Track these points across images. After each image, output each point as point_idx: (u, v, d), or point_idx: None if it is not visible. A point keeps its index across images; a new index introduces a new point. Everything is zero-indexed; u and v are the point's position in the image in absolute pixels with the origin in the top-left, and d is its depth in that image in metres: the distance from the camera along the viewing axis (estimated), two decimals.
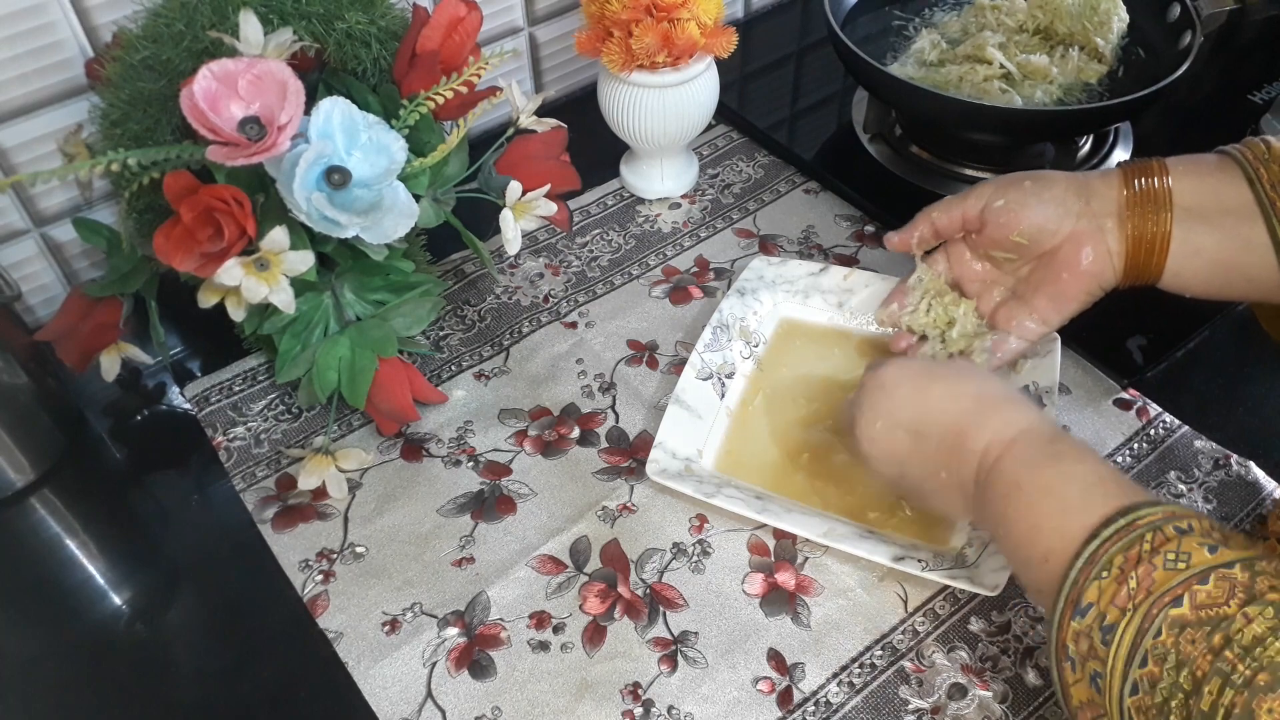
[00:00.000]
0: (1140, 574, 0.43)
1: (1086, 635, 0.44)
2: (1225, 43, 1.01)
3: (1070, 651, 0.45)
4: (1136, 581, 0.43)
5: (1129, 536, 0.44)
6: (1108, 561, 0.44)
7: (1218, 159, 0.60)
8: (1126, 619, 0.42)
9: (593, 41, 0.78)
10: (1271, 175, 0.57)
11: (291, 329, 0.64)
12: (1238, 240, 0.58)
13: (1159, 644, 0.41)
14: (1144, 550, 0.43)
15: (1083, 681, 0.44)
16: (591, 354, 0.76)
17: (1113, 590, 0.43)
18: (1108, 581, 0.44)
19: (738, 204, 0.88)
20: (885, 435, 0.58)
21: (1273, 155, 0.58)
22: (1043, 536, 0.48)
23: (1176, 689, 0.40)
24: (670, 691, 0.58)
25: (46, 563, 0.66)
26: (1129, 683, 0.42)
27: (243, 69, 0.56)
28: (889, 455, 0.58)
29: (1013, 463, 0.52)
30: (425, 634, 0.61)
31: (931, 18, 0.95)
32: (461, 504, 0.67)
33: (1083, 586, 0.44)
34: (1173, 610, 0.41)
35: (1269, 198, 0.57)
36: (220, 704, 0.59)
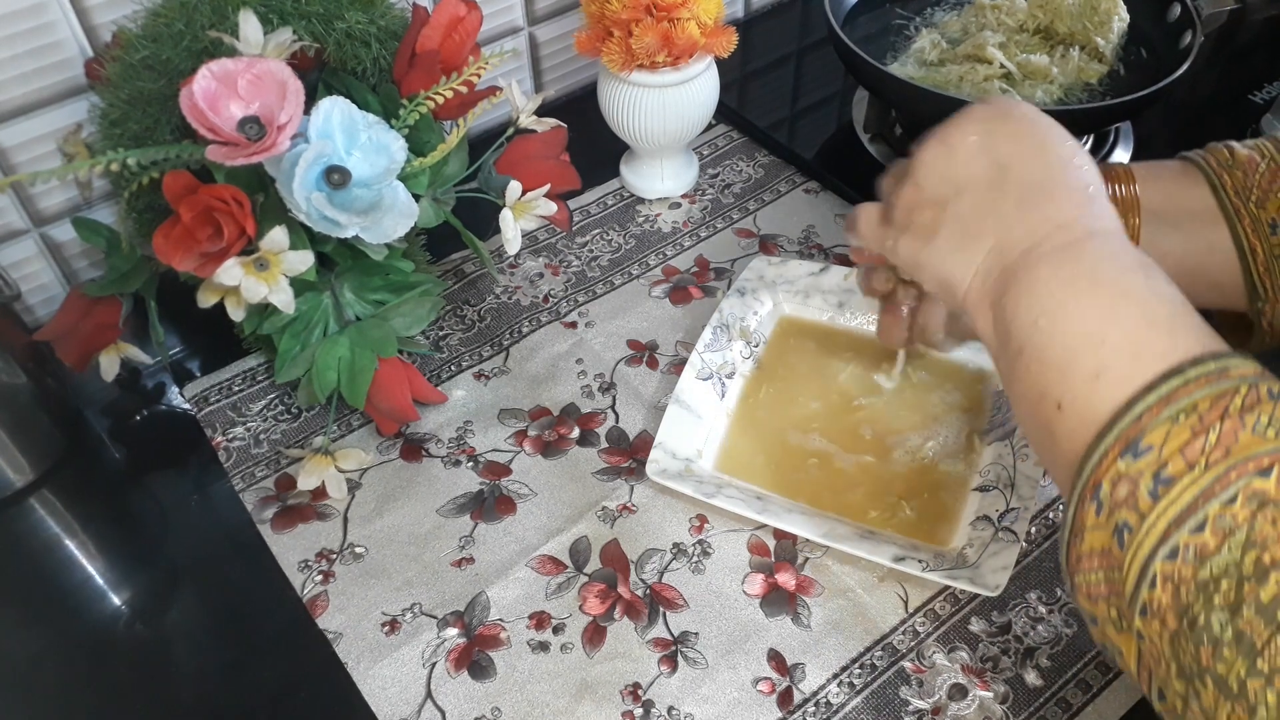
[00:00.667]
0: (1224, 430, 0.36)
1: (1131, 480, 0.37)
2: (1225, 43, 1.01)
3: (1102, 494, 0.38)
4: (1217, 436, 0.36)
5: (1220, 384, 0.37)
6: (1190, 405, 0.37)
7: (1180, 165, 0.60)
8: (1193, 475, 0.36)
9: (593, 41, 0.78)
10: (1235, 181, 0.56)
11: (291, 329, 0.64)
12: (1202, 244, 0.57)
13: (1228, 514, 0.35)
14: (1234, 405, 0.37)
15: (1104, 529, 0.38)
16: (591, 354, 0.76)
17: (1184, 438, 0.37)
18: (1181, 427, 0.37)
19: (738, 204, 0.88)
20: (970, 151, 0.48)
21: (1236, 161, 0.57)
22: (1106, 349, 0.40)
23: (1233, 570, 0.34)
24: (670, 692, 0.58)
25: (46, 563, 0.66)
26: (1168, 545, 0.36)
27: (242, 69, 0.56)
28: (953, 173, 0.48)
29: (1097, 250, 0.43)
30: (425, 634, 0.60)
31: (932, 17, 0.95)
32: (461, 504, 0.67)
33: (1146, 424, 0.37)
34: (1256, 481, 0.35)
35: (1233, 204, 0.56)
36: (220, 704, 0.59)
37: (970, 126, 0.48)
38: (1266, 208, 0.55)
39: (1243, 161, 0.57)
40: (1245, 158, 0.57)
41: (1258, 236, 0.56)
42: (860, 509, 0.65)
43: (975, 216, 0.47)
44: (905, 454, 0.67)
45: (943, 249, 0.48)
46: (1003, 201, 0.46)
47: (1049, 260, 0.44)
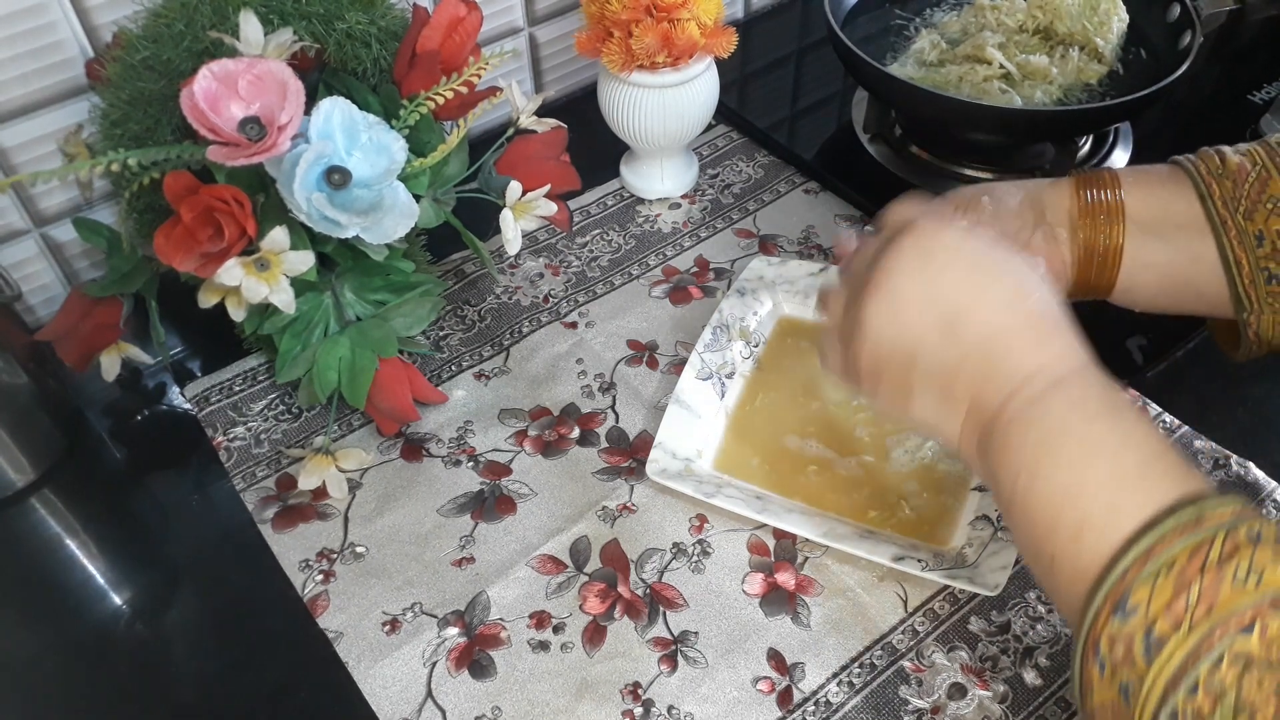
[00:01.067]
0: (1205, 586, 0.37)
1: (1125, 641, 0.38)
2: (1225, 43, 1.01)
3: (1102, 653, 0.39)
4: (1198, 593, 0.37)
5: (1196, 535, 0.38)
6: (1168, 560, 0.38)
7: (1169, 170, 0.59)
8: (1180, 637, 0.37)
9: (593, 42, 0.78)
10: (1224, 191, 0.55)
11: (292, 329, 0.64)
12: (1188, 255, 0.56)
13: (1217, 678, 0.36)
14: (1212, 557, 0.37)
15: (1109, 687, 0.39)
16: (591, 354, 0.76)
17: (1167, 596, 0.37)
18: (1164, 583, 0.37)
19: (738, 204, 0.88)
20: (914, 306, 0.47)
21: (1226, 170, 0.56)
22: (1082, 506, 0.41)
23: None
24: (670, 691, 0.58)
25: (46, 563, 0.66)
26: (1168, 708, 0.36)
27: (243, 69, 0.56)
28: (902, 334, 0.47)
29: (1061, 403, 0.43)
30: (425, 634, 0.61)
31: (931, 18, 0.95)
32: (461, 504, 0.67)
33: (1131, 582, 0.38)
34: (1239, 641, 0.36)
35: (1219, 215, 0.55)
36: (220, 704, 0.59)
37: (905, 274, 0.47)
38: (1254, 219, 0.55)
39: (1233, 170, 0.56)
40: (1236, 166, 0.56)
41: (1244, 248, 0.55)
42: (860, 509, 0.65)
43: (943, 377, 0.47)
44: (905, 454, 0.67)
45: (924, 407, 0.48)
46: (964, 360, 0.46)
47: (1019, 421, 0.44)
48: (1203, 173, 0.57)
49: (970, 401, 0.46)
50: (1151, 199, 0.58)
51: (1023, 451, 0.44)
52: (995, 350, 0.46)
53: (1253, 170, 0.55)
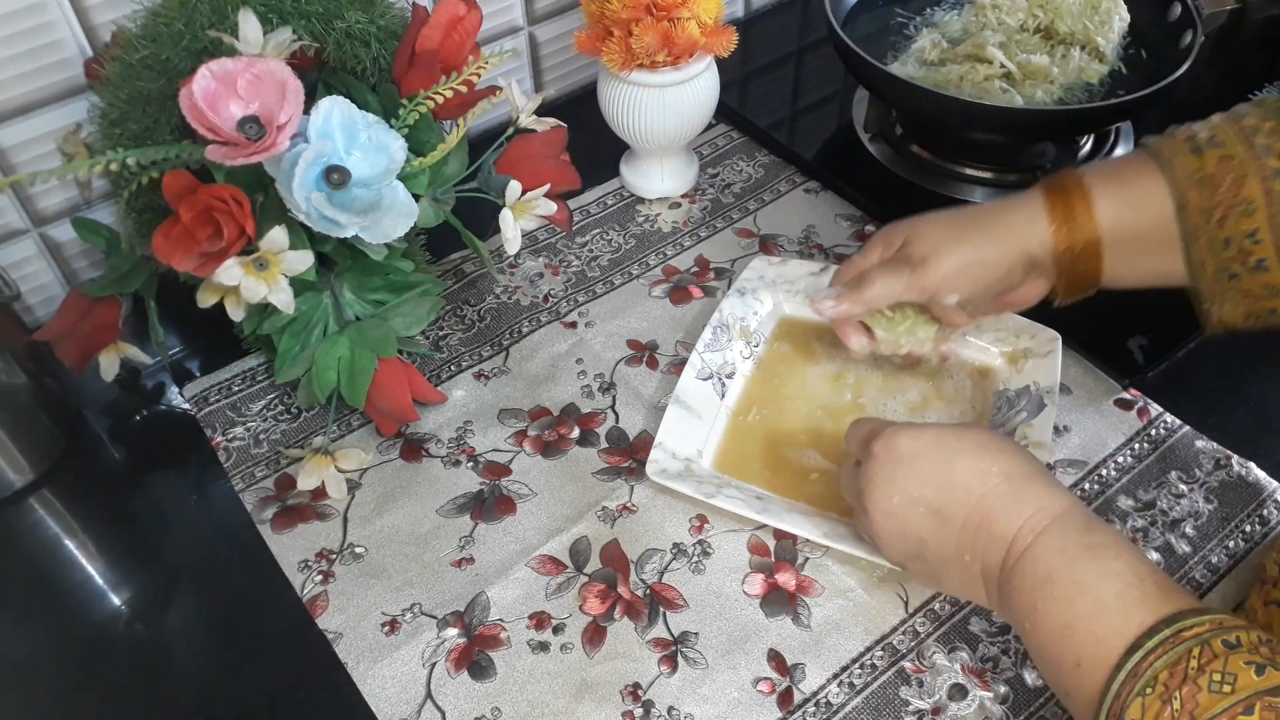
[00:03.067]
0: (1185, 695, 0.41)
1: None
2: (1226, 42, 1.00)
3: None
4: (1180, 703, 0.41)
5: (1174, 650, 0.42)
6: (1152, 677, 0.42)
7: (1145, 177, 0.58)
8: None
9: (593, 41, 0.77)
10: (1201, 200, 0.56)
11: (291, 329, 0.64)
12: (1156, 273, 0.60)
13: None
14: (1190, 668, 0.42)
15: None
16: (591, 354, 0.76)
17: (1156, 709, 0.41)
18: (1151, 699, 0.42)
19: (738, 204, 0.88)
20: (904, 510, 0.54)
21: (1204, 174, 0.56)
22: (1076, 639, 0.46)
23: None
24: (670, 692, 0.58)
25: (45, 563, 0.66)
26: None
27: (242, 68, 0.56)
28: (906, 533, 0.54)
29: (1045, 551, 0.49)
30: (425, 634, 0.60)
31: (932, 17, 0.94)
32: (461, 504, 0.67)
33: (1125, 700, 0.43)
34: None
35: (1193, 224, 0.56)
36: (220, 704, 0.59)
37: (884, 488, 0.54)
38: (1225, 225, 0.55)
39: (1210, 175, 0.56)
40: (1214, 168, 0.56)
41: (1210, 253, 0.56)
42: None
43: (953, 558, 0.53)
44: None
45: (953, 584, 0.54)
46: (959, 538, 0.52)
47: (1015, 574, 0.49)
48: (1180, 178, 0.57)
49: (981, 569, 0.52)
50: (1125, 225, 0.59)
51: (1021, 598, 0.49)
52: (981, 524, 0.51)
53: (1229, 175, 0.55)
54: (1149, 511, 0.65)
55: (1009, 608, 0.50)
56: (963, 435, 0.54)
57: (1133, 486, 0.67)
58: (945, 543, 0.53)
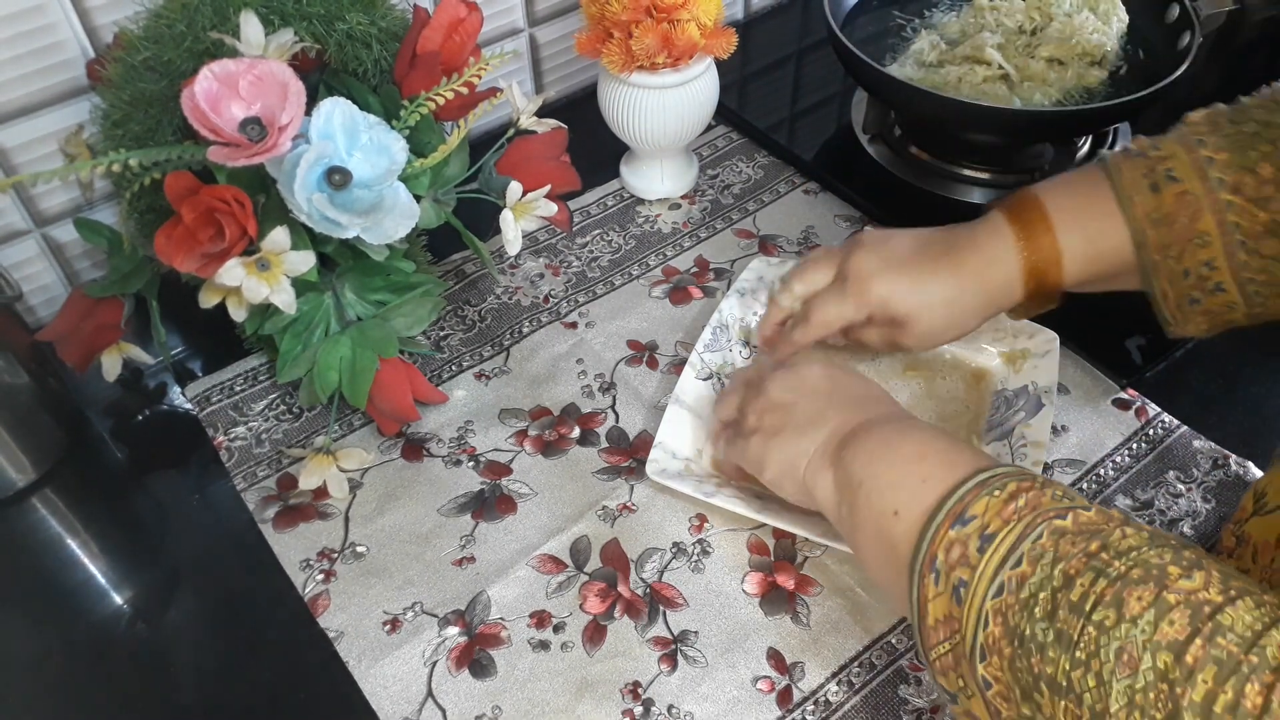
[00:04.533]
0: (1030, 497, 0.45)
1: (961, 543, 0.45)
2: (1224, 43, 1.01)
3: (938, 562, 0.45)
4: (1025, 501, 0.45)
5: (1023, 476, 0.46)
6: (1001, 485, 0.46)
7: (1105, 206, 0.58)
8: (1009, 528, 0.44)
9: (593, 42, 0.78)
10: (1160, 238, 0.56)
11: (292, 329, 0.64)
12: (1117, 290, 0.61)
13: (1037, 546, 0.42)
14: (1036, 484, 0.46)
15: (944, 595, 0.45)
16: (591, 354, 0.76)
17: (999, 507, 0.45)
18: (997, 500, 0.45)
19: (737, 204, 0.88)
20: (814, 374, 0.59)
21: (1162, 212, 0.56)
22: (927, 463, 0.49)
23: (1046, 583, 0.41)
24: (670, 691, 0.58)
25: (47, 562, 0.66)
26: (995, 584, 0.43)
27: (244, 70, 0.56)
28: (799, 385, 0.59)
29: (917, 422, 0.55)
30: (426, 633, 0.61)
31: (930, 18, 0.95)
32: (462, 503, 0.67)
33: (969, 502, 0.46)
34: (1056, 521, 0.43)
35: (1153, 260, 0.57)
36: (220, 704, 0.59)
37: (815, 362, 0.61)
38: (1183, 259, 0.57)
39: (1168, 212, 0.56)
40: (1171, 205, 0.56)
41: (1171, 284, 0.58)
42: None
43: (815, 411, 0.57)
44: None
45: (787, 438, 0.57)
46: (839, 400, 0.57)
47: (878, 422, 0.54)
48: (1139, 217, 0.57)
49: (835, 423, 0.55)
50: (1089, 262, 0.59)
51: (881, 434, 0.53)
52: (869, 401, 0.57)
53: (1184, 212, 0.56)
54: (1147, 511, 0.66)
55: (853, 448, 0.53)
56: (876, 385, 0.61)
57: (1130, 486, 0.67)
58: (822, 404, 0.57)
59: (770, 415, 0.59)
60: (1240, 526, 0.53)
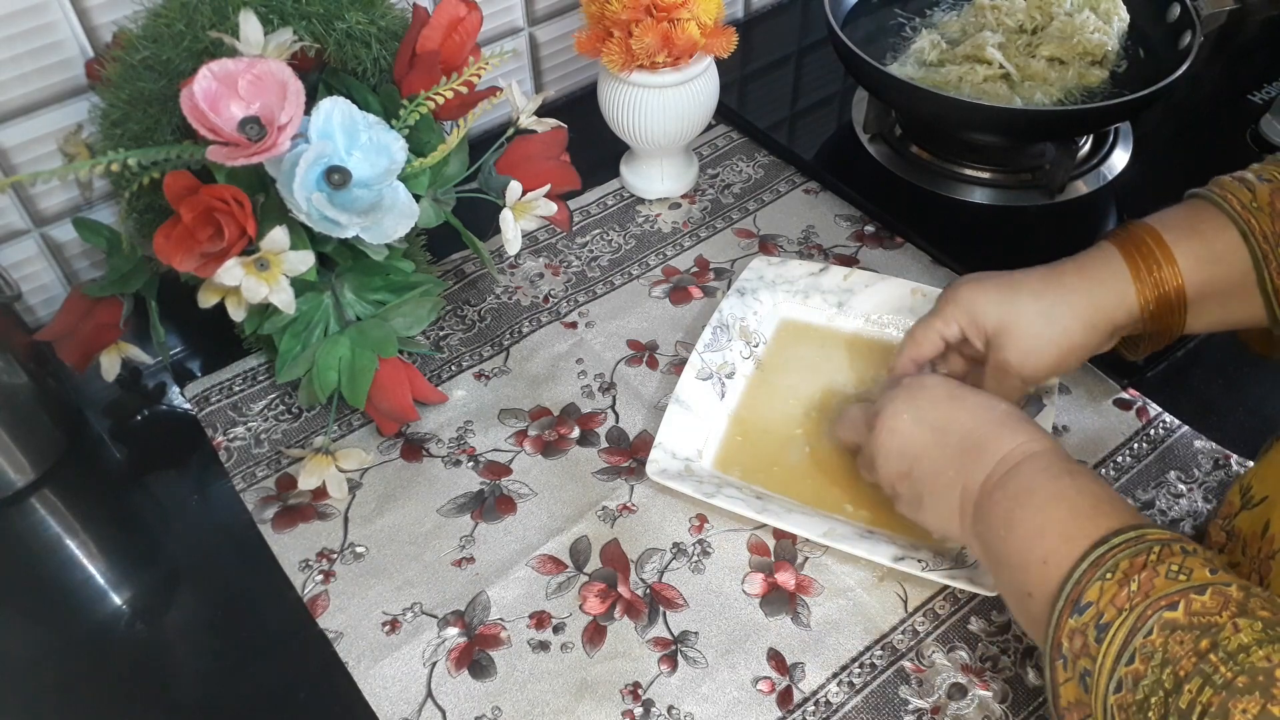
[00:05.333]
0: (1142, 579, 0.44)
1: (1081, 633, 0.45)
2: (1225, 43, 1.01)
3: (1064, 649, 0.46)
4: (1138, 585, 0.44)
5: (1137, 546, 0.45)
6: (1113, 565, 0.45)
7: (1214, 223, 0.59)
8: (1122, 618, 0.43)
9: (593, 42, 0.78)
10: (1263, 227, 0.57)
11: (292, 329, 0.64)
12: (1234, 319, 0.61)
13: (1148, 643, 0.42)
14: (1150, 560, 0.45)
15: (1073, 680, 0.45)
16: (591, 354, 0.76)
17: (1113, 591, 0.44)
18: (1110, 583, 0.45)
19: (738, 204, 0.88)
20: (909, 427, 0.58)
21: (1259, 203, 0.58)
22: (1047, 539, 0.49)
23: (1158, 686, 0.41)
24: (670, 691, 0.58)
25: (46, 563, 0.66)
26: (1115, 679, 0.43)
27: (243, 69, 0.56)
28: (904, 448, 0.58)
29: (1031, 469, 0.52)
30: (425, 634, 0.61)
31: (931, 17, 0.95)
32: (461, 504, 0.67)
33: (1084, 586, 0.45)
34: (1167, 613, 0.42)
35: (1261, 250, 0.57)
36: (220, 704, 0.59)
37: (898, 407, 0.59)
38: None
39: (1267, 204, 0.57)
40: (1268, 199, 0.57)
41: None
42: (860, 508, 0.65)
43: (939, 474, 0.56)
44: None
45: (931, 509, 0.57)
46: (952, 454, 0.56)
47: (999, 487, 0.53)
48: (1238, 208, 0.58)
49: (962, 487, 0.55)
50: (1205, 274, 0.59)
51: (1004, 507, 0.52)
52: (976, 443, 0.55)
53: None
54: (1148, 511, 0.65)
55: (985, 520, 0.53)
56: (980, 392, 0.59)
57: (1132, 486, 0.67)
58: (937, 460, 0.56)
59: (898, 485, 0.59)
60: (1229, 522, 0.53)
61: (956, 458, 0.55)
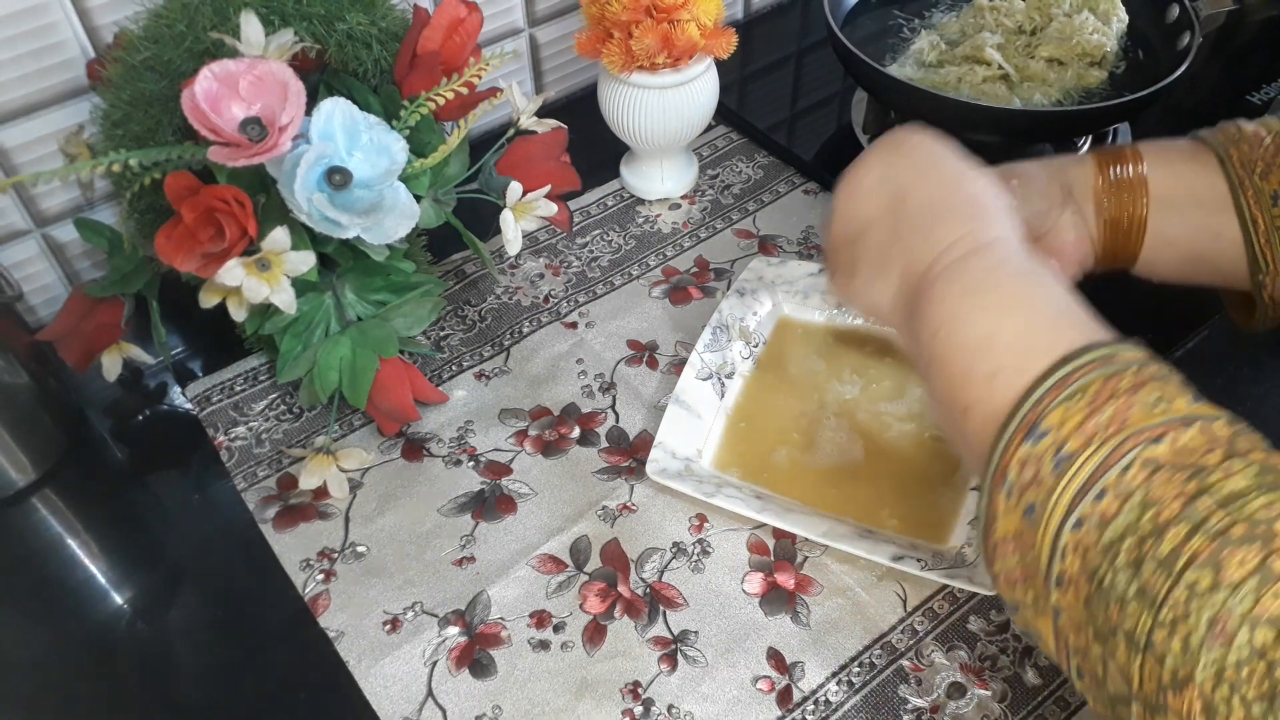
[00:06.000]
0: (1117, 407, 0.39)
1: (1035, 462, 0.40)
2: (1224, 43, 1.01)
3: (1010, 479, 0.40)
4: (1111, 413, 0.39)
5: (1108, 368, 0.40)
6: (1081, 388, 0.40)
7: (1190, 145, 0.60)
8: (1091, 450, 0.38)
9: (593, 43, 0.78)
10: (1240, 155, 0.57)
11: (293, 329, 0.64)
12: (1208, 233, 0.58)
13: (1125, 480, 0.37)
14: (1123, 385, 0.39)
15: (1015, 513, 0.41)
16: (591, 354, 0.76)
17: (1080, 418, 0.39)
18: (1077, 408, 0.39)
19: (737, 204, 0.88)
20: (871, 188, 0.51)
21: (1243, 136, 0.58)
22: (997, 350, 0.43)
23: (1133, 529, 0.37)
24: (670, 690, 0.58)
25: (47, 562, 0.66)
26: (1074, 517, 0.38)
27: (244, 70, 0.56)
28: (858, 211, 0.52)
29: (984, 262, 0.46)
30: (426, 633, 0.61)
31: (930, 18, 0.95)
32: (462, 503, 0.67)
33: (1044, 409, 0.40)
34: (1149, 449, 0.38)
35: (1238, 175, 0.57)
36: (220, 703, 0.59)
37: (870, 162, 0.52)
38: (1270, 179, 0.56)
39: (1248, 135, 0.58)
40: (1251, 133, 0.58)
41: (1259, 208, 0.56)
42: (860, 508, 0.65)
43: (883, 246, 0.50)
44: (905, 453, 0.67)
45: (863, 282, 0.51)
46: (902, 228, 0.49)
47: (944, 276, 0.46)
48: (1220, 140, 0.58)
49: (902, 264, 0.48)
50: (1173, 174, 0.59)
51: (945, 304, 0.46)
52: (928, 220, 0.48)
53: (1268, 136, 0.57)
54: None
55: (921, 315, 0.47)
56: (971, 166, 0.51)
57: None
58: (882, 234, 0.50)
59: (840, 251, 0.52)
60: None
61: (904, 233, 0.49)
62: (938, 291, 0.46)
